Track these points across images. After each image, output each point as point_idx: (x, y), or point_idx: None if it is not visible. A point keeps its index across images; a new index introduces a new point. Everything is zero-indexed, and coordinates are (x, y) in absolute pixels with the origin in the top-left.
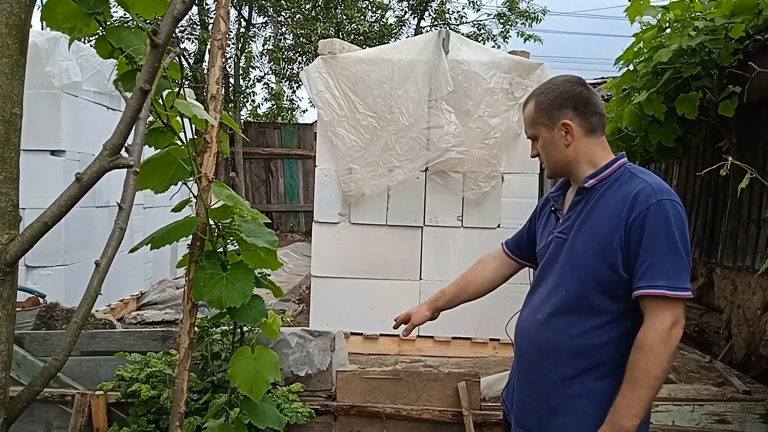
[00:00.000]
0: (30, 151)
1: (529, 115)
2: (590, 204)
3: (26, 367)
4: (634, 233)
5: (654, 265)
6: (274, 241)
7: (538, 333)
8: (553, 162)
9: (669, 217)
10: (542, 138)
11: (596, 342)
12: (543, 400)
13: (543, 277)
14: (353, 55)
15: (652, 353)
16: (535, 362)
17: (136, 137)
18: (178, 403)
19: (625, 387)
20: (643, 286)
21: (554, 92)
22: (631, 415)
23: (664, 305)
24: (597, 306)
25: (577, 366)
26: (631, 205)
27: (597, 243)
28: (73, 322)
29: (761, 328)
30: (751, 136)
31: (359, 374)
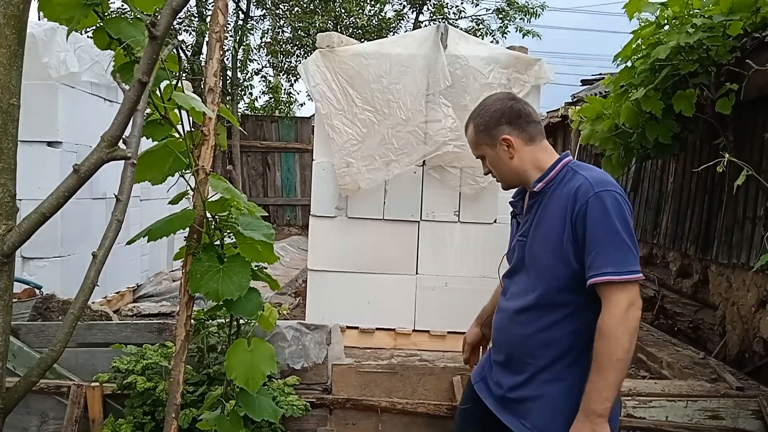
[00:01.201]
0: (27, 142)
1: (471, 138)
2: (542, 205)
3: (22, 358)
4: (579, 227)
5: (599, 253)
6: (271, 234)
7: (511, 329)
8: (504, 175)
9: (607, 208)
10: (488, 156)
11: (563, 333)
12: (519, 388)
13: (511, 279)
14: (351, 49)
15: (612, 337)
16: (511, 355)
17: (133, 129)
18: (174, 395)
19: (592, 373)
20: (593, 275)
21: (488, 112)
22: (601, 399)
23: (615, 290)
24: (560, 300)
25: (547, 356)
26: (573, 201)
27: (550, 241)
28: (70, 313)
29: (755, 325)
30: (747, 133)
31: (355, 368)
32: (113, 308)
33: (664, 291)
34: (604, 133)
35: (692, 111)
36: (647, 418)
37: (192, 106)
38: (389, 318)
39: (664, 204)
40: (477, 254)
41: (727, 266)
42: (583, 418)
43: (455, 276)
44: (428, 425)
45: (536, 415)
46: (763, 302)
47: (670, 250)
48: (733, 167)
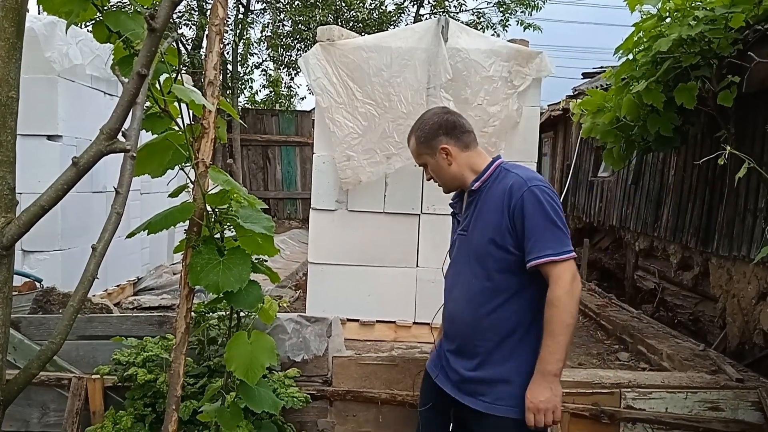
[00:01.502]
0: (27, 136)
1: (413, 149)
2: (479, 202)
3: (23, 351)
4: (517, 219)
5: (538, 239)
6: (271, 226)
7: (462, 316)
8: (444, 180)
9: (540, 200)
10: (430, 164)
11: (508, 314)
12: (475, 371)
13: (455, 270)
14: (352, 42)
15: (561, 305)
16: (463, 342)
17: (133, 122)
18: (175, 386)
19: (546, 339)
20: (534, 257)
21: (427, 125)
22: (555, 361)
23: (558, 267)
24: (502, 284)
25: (497, 338)
26: (509, 196)
27: (489, 232)
28: (70, 305)
29: (755, 317)
30: (749, 126)
31: (355, 360)
32: (114, 301)
33: (665, 283)
34: (605, 126)
35: (694, 103)
36: (647, 409)
37: (191, 98)
38: (390, 311)
39: (665, 197)
40: None
41: (727, 259)
42: (540, 379)
43: None
44: None
45: (494, 391)
46: (763, 294)
47: (671, 242)
48: (735, 160)
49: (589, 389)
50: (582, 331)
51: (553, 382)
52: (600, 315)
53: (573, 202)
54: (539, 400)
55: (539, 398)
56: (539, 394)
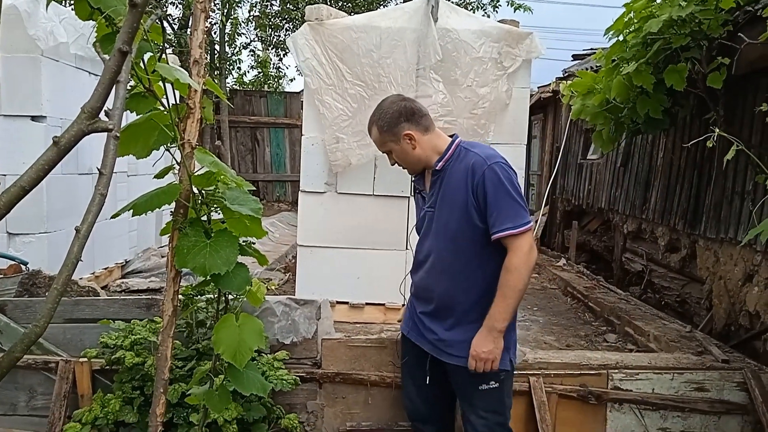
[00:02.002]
0: (10, 116)
1: (377, 138)
2: (444, 180)
3: (9, 335)
4: (479, 194)
5: (500, 214)
6: (259, 208)
7: (437, 285)
8: (410, 163)
9: (499, 177)
10: (394, 150)
11: (479, 279)
12: (449, 331)
13: (423, 245)
14: (341, 22)
15: (516, 272)
16: (439, 305)
17: (116, 101)
18: (163, 369)
19: (497, 300)
20: (496, 231)
21: (387, 114)
22: (502, 319)
23: (517, 239)
24: (471, 253)
25: (469, 300)
26: (471, 174)
27: (456, 208)
28: (54, 288)
29: (741, 299)
30: (738, 108)
31: (344, 342)
32: (101, 284)
33: (652, 265)
34: (595, 108)
35: (683, 85)
36: (634, 390)
37: (176, 77)
38: (379, 293)
39: (654, 179)
40: None
41: (715, 241)
42: (486, 333)
43: None
44: None
45: (467, 346)
46: (749, 276)
47: (659, 225)
48: (723, 142)
49: (577, 370)
50: (570, 312)
51: (497, 337)
52: (588, 297)
53: (562, 185)
54: (483, 350)
55: (483, 348)
56: (483, 345)
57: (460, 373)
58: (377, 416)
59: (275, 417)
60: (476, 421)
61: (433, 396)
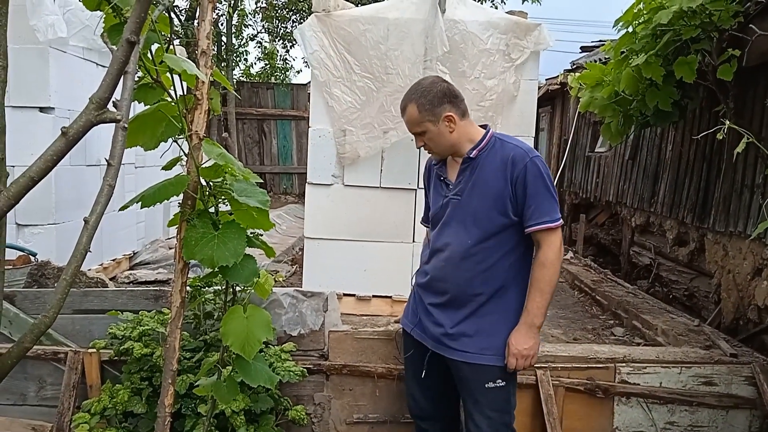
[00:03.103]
0: (18, 108)
1: (414, 117)
2: (477, 169)
3: (18, 325)
4: (519, 186)
5: (537, 207)
6: (266, 200)
7: (456, 274)
8: (443, 148)
9: (540, 170)
10: (430, 131)
11: (498, 270)
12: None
13: (443, 232)
14: (348, 13)
15: (552, 268)
16: (454, 296)
17: (124, 92)
18: (171, 360)
19: (535, 296)
20: (534, 223)
21: (431, 93)
22: (541, 315)
23: (551, 234)
24: (495, 244)
25: (488, 291)
26: (511, 165)
27: (490, 198)
28: (63, 279)
29: (750, 293)
30: (748, 100)
31: (351, 334)
32: (110, 275)
33: (660, 259)
34: (604, 100)
35: (693, 77)
36: (641, 384)
37: (184, 68)
38: (386, 285)
39: (662, 172)
40: None
41: (723, 234)
42: (526, 329)
43: None
44: None
45: (478, 340)
46: (758, 270)
47: (667, 218)
48: (733, 134)
49: (584, 364)
50: (577, 306)
51: (536, 333)
52: (595, 290)
53: (570, 178)
54: (524, 347)
55: (524, 345)
56: (524, 342)
57: (467, 370)
58: (384, 408)
59: (282, 408)
60: (480, 421)
61: (437, 393)
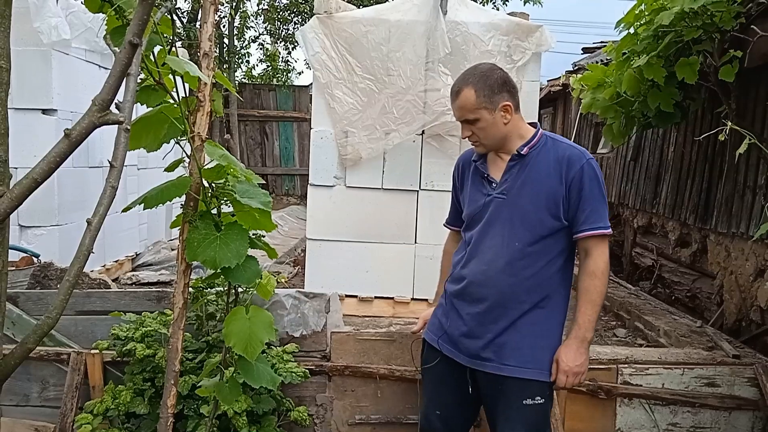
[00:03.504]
0: (21, 110)
1: (469, 102)
2: (526, 167)
3: (21, 326)
4: (574, 188)
5: (593, 211)
6: (269, 201)
7: (499, 279)
8: (493, 140)
9: (596, 174)
10: (484, 120)
11: (544, 278)
12: (502, 334)
13: (486, 233)
14: (350, 15)
15: (603, 278)
16: (495, 304)
17: (126, 94)
18: (173, 361)
19: (586, 307)
20: (588, 228)
21: (490, 78)
22: (592, 328)
23: (602, 241)
24: (542, 248)
25: (532, 300)
26: (567, 166)
27: (542, 198)
28: (66, 280)
29: (753, 294)
30: (750, 101)
31: (353, 335)
32: (112, 277)
33: (663, 260)
34: (606, 102)
35: (695, 78)
36: (644, 385)
37: (186, 70)
38: (388, 286)
39: (664, 173)
40: None
41: (726, 235)
42: (578, 344)
43: None
44: None
45: (520, 353)
46: (761, 271)
47: (670, 219)
48: (735, 136)
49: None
50: None
51: (587, 348)
52: None
53: None
54: (576, 363)
55: (576, 362)
56: (576, 358)
57: (504, 384)
58: (386, 409)
59: (285, 409)
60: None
61: (458, 415)
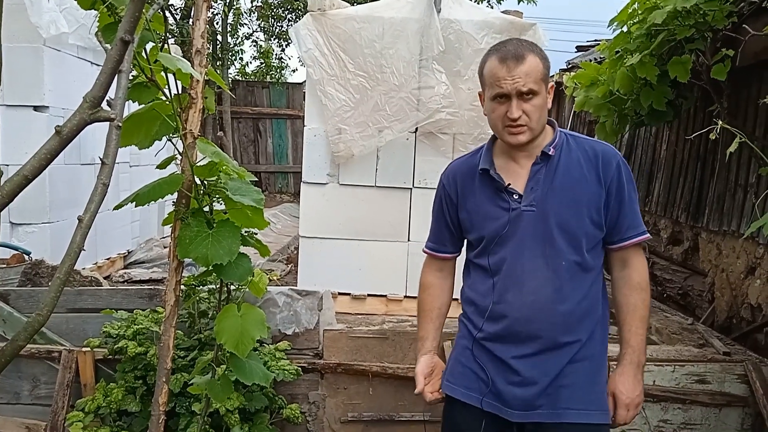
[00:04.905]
0: (13, 106)
1: (536, 69)
2: (553, 171)
3: (12, 324)
4: (613, 190)
5: (636, 215)
6: (261, 199)
7: (551, 309)
8: (540, 125)
9: (630, 172)
10: (542, 97)
11: (593, 300)
12: (564, 371)
13: (521, 255)
14: (343, 12)
15: (648, 290)
16: (550, 340)
17: (118, 91)
18: (165, 359)
19: (638, 328)
20: (630, 236)
21: (544, 54)
22: (645, 350)
23: (641, 248)
24: (587, 265)
25: (587, 329)
26: (603, 164)
27: (581, 206)
28: (56, 277)
29: (743, 292)
30: (742, 100)
31: (346, 333)
32: (104, 274)
33: (654, 258)
34: (599, 100)
35: (687, 77)
36: None
37: (178, 67)
38: (381, 284)
39: (657, 171)
40: None
41: (717, 233)
42: (635, 371)
43: None
44: None
45: (581, 393)
46: (752, 269)
47: (662, 217)
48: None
49: None
50: None
51: (643, 374)
52: None
53: None
54: (635, 394)
55: (635, 392)
56: (635, 388)
57: None
58: (378, 406)
59: (277, 407)
60: None
61: None
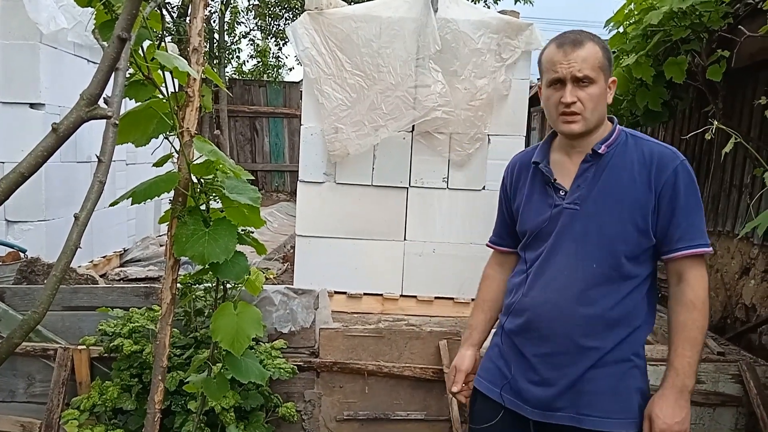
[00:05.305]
0: (9, 104)
1: (594, 56)
2: (602, 171)
3: (7, 321)
4: (665, 195)
5: (692, 225)
6: (257, 197)
7: (572, 310)
8: (597, 116)
9: (693, 178)
10: (599, 86)
11: (627, 310)
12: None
13: (555, 253)
14: (341, 11)
15: (705, 309)
16: (569, 343)
17: (115, 89)
18: (161, 357)
19: (683, 348)
20: (684, 247)
21: (606, 45)
22: (693, 374)
23: (701, 262)
24: (626, 272)
25: (615, 338)
26: (657, 167)
27: (623, 209)
28: (53, 275)
29: (738, 292)
30: (737, 101)
31: (342, 332)
32: (100, 272)
33: None
34: None
35: (683, 78)
36: None
37: (175, 65)
38: (377, 283)
39: None
40: (465, 221)
41: (712, 234)
42: (677, 396)
43: (443, 242)
44: (414, 388)
45: (604, 400)
46: (746, 269)
47: None
48: (722, 135)
49: None
50: None
51: (688, 399)
52: None
53: None
54: (675, 421)
55: (675, 418)
56: (675, 414)
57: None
58: (374, 405)
59: (273, 405)
60: None
61: None
